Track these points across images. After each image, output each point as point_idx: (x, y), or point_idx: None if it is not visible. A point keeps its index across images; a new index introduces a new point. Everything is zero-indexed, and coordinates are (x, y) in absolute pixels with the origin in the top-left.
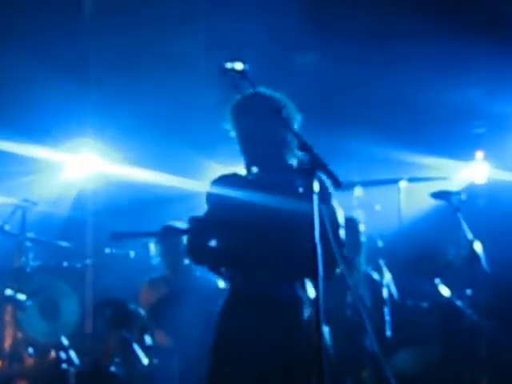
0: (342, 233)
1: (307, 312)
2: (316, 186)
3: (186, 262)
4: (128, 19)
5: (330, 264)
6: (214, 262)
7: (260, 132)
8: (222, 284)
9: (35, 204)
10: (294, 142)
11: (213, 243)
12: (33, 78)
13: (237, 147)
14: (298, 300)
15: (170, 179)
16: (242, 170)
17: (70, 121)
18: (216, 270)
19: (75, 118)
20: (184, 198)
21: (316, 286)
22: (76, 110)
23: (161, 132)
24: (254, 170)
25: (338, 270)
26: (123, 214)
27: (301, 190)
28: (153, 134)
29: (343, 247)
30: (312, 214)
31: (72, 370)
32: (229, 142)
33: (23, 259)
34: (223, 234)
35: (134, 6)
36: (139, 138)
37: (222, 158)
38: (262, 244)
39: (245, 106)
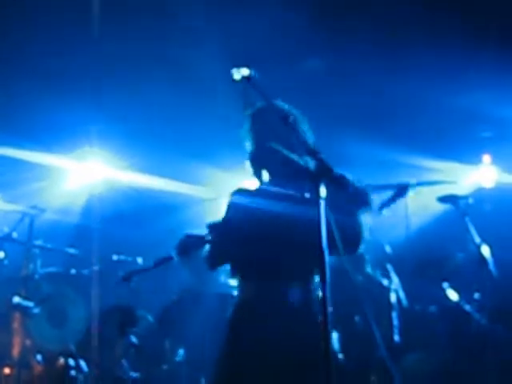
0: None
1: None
2: (323, 192)
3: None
4: (131, 30)
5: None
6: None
7: (271, 139)
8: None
9: (43, 211)
10: (302, 148)
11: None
12: (41, 88)
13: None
14: (312, 305)
15: (174, 185)
16: (253, 184)
17: (77, 129)
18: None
19: (82, 127)
20: (188, 203)
21: (323, 291)
22: (82, 118)
23: (164, 139)
24: (265, 176)
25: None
26: (130, 220)
27: (307, 195)
28: (157, 142)
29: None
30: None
31: (80, 376)
32: (228, 148)
33: (31, 266)
34: (240, 243)
35: (139, 15)
36: (144, 146)
37: (222, 164)
38: (275, 252)
39: (258, 116)
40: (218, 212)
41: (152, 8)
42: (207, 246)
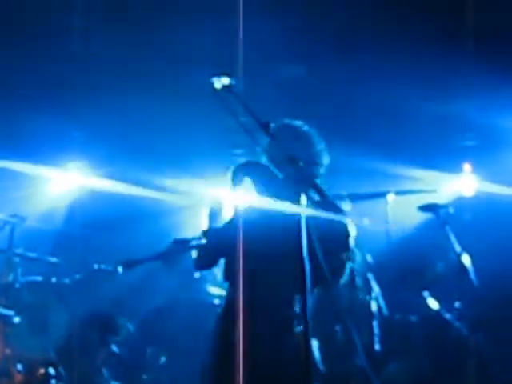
0: (350, 241)
1: (298, 326)
2: (303, 200)
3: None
4: (114, 41)
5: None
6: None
7: None
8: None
9: (23, 220)
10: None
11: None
12: (20, 97)
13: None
14: (290, 313)
15: (154, 194)
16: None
17: (58, 137)
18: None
19: (62, 135)
20: (167, 212)
21: (304, 301)
22: (63, 126)
23: (144, 148)
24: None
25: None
26: (110, 229)
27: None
28: (136, 150)
29: (349, 254)
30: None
31: None
32: (205, 157)
33: (11, 275)
34: (224, 250)
35: (124, 24)
36: (123, 154)
37: (199, 172)
38: (255, 260)
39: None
40: (196, 219)
41: (136, 18)
42: (198, 249)
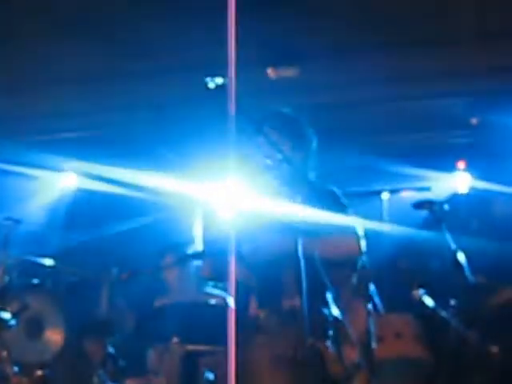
0: (362, 244)
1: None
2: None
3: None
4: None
5: None
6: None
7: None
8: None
9: (18, 222)
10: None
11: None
12: (18, 94)
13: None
14: (321, 319)
15: (152, 195)
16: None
17: (54, 137)
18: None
19: (58, 135)
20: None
21: (301, 300)
22: (59, 126)
23: (142, 148)
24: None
25: None
26: (108, 230)
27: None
28: (133, 150)
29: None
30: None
31: None
32: (204, 158)
33: (7, 278)
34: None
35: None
36: (119, 155)
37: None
38: (280, 267)
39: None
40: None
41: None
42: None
